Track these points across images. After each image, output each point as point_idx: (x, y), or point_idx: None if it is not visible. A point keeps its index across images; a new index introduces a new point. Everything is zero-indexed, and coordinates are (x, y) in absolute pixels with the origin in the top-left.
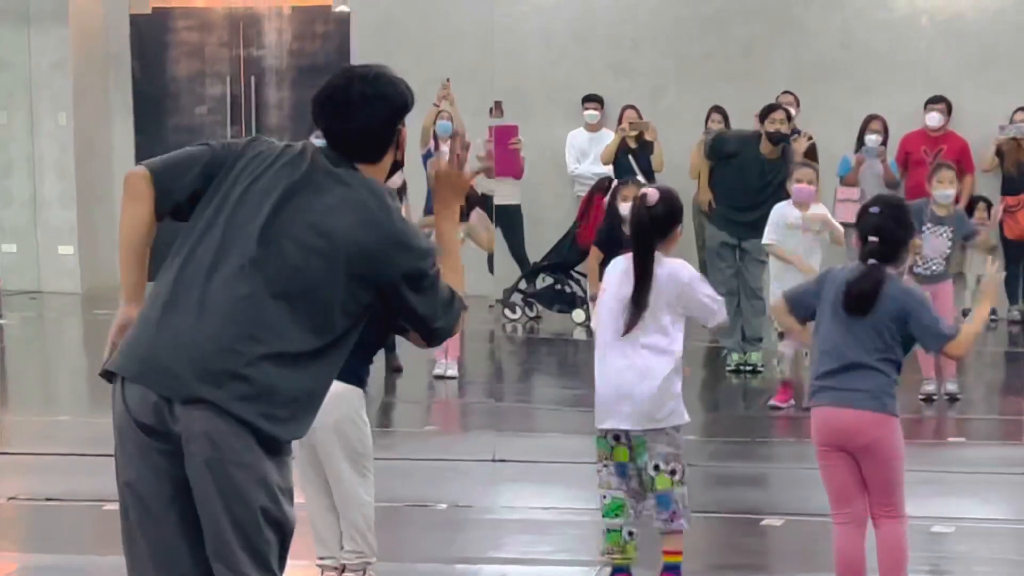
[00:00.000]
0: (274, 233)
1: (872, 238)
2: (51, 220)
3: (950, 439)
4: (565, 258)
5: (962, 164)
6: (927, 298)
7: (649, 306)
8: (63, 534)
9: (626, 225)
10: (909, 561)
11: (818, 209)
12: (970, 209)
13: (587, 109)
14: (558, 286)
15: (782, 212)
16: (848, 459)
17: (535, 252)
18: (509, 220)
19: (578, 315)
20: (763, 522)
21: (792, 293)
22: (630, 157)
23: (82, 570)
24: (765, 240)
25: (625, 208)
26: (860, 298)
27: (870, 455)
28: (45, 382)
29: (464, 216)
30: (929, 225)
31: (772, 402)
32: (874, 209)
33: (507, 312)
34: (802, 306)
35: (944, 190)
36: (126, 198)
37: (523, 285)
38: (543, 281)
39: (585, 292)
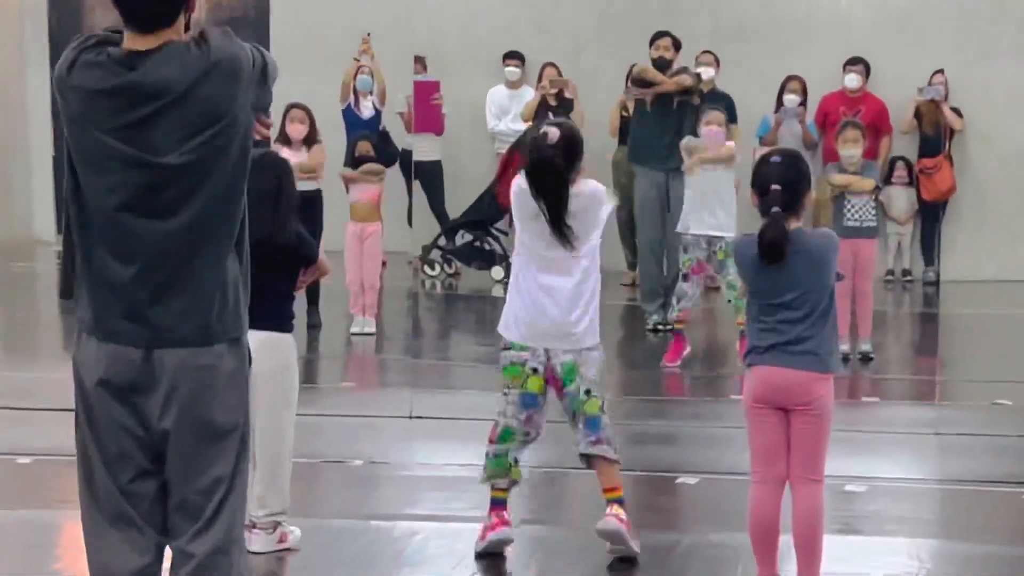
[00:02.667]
0: None
1: (775, 187)
2: None
3: (864, 399)
4: (484, 215)
5: (880, 125)
6: (835, 249)
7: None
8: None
9: None
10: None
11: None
12: (890, 169)
13: (508, 66)
14: (477, 243)
15: (691, 145)
16: (781, 418)
17: (455, 209)
18: (430, 176)
19: (496, 272)
20: (678, 480)
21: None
22: (550, 115)
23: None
24: (686, 166)
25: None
26: (771, 246)
27: (806, 413)
28: None
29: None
30: (848, 199)
31: (664, 363)
32: (775, 159)
33: (426, 269)
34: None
35: (849, 149)
36: None
37: (442, 242)
38: (462, 238)
39: (504, 249)
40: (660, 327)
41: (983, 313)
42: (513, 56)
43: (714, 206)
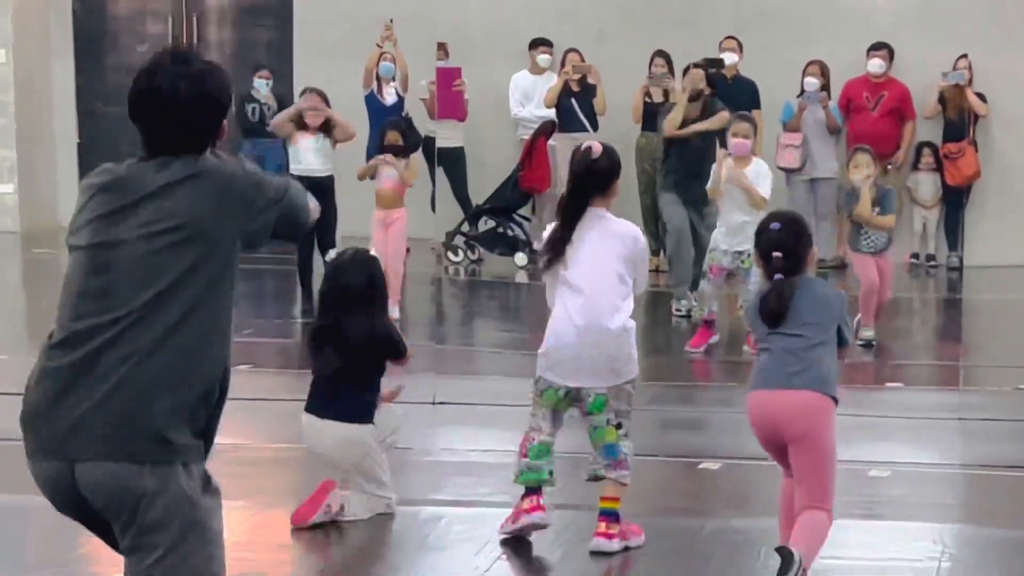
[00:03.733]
0: None
1: (776, 254)
2: None
3: (887, 384)
4: (507, 201)
5: (903, 110)
6: (843, 303)
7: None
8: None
9: None
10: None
11: (757, 167)
12: (917, 154)
13: (540, 53)
14: (500, 229)
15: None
16: (782, 453)
17: (478, 195)
18: (452, 162)
19: (520, 258)
20: (700, 466)
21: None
22: (573, 100)
23: (19, 509)
24: (709, 186)
25: None
26: (772, 314)
27: (803, 444)
28: None
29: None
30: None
31: (688, 347)
32: (774, 225)
33: (449, 255)
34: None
35: (859, 174)
36: None
37: (465, 228)
38: (485, 224)
39: (527, 235)
40: (688, 313)
41: (1007, 299)
42: (543, 43)
43: (739, 230)
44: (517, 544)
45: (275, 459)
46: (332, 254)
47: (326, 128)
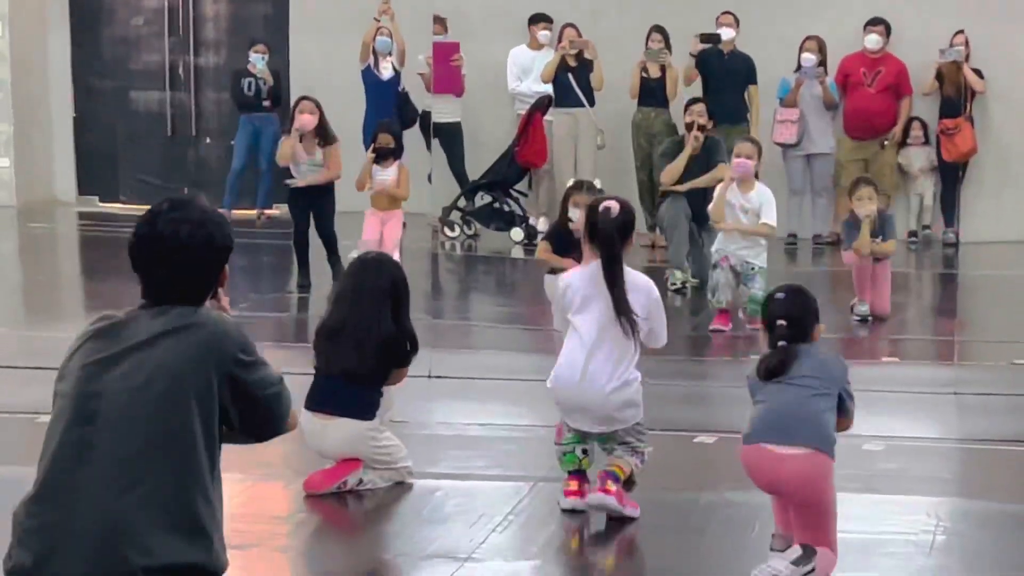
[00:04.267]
0: None
1: (780, 322)
2: None
3: (883, 359)
4: (504, 176)
5: (900, 86)
6: (845, 371)
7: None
8: (6, 446)
9: (577, 231)
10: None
11: (761, 194)
12: (906, 130)
13: (541, 29)
14: (496, 204)
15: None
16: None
17: (474, 170)
18: (449, 138)
19: (516, 233)
20: (696, 439)
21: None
22: (570, 76)
23: (19, 481)
24: (713, 214)
25: (575, 213)
26: (772, 373)
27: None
28: None
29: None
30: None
31: (714, 326)
32: (779, 295)
33: (445, 230)
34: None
35: (862, 209)
36: None
37: (462, 203)
38: (482, 199)
39: (523, 211)
40: (684, 285)
41: (1003, 274)
42: (543, 19)
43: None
44: (511, 517)
45: None
46: (354, 254)
47: (323, 136)
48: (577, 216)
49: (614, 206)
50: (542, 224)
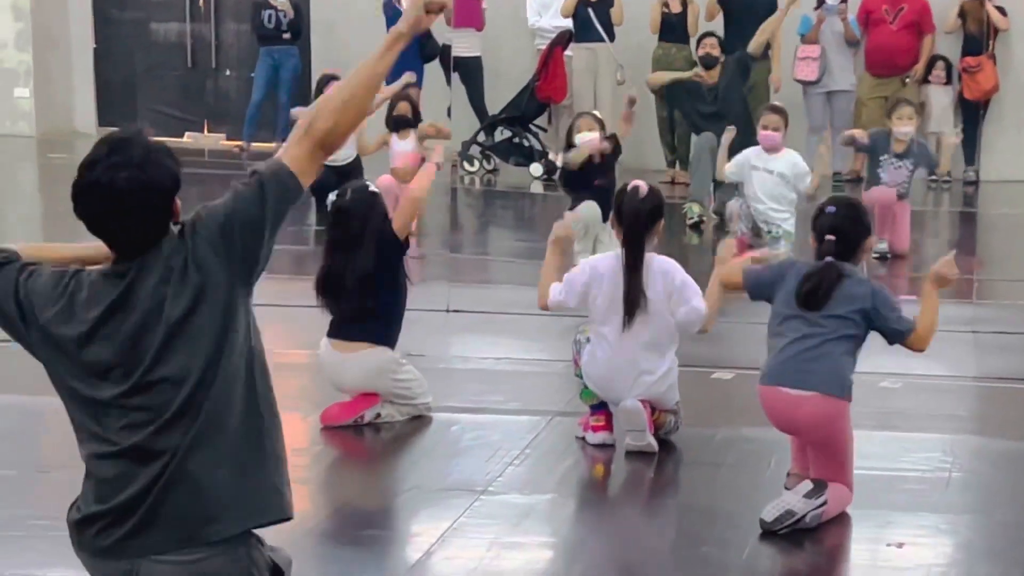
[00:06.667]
0: None
1: (829, 236)
2: (6, 62)
3: (901, 297)
4: (523, 111)
5: (922, 24)
6: (889, 295)
7: (646, 302)
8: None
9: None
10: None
11: (793, 164)
12: (929, 67)
13: None
14: (516, 139)
15: (747, 155)
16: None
17: (494, 105)
18: (469, 72)
19: (535, 168)
20: (713, 375)
21: (751, 275)
22: (589, 10)
23: (40, 411)
24: (728, 172)
25: (579, 138)
26: (809, 295)
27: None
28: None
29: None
30: (886, 157)
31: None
32: (831, 209)
33: (465, 164)
34: (758, 289)
35: (902, 127)
36: None
37: (481, 138)
38: (501, 134)
39: (543, 145)
40: (701, 220)
41: (1022, 213)
42: None
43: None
44: (528, 451)
45: (288, 364)
46: (332, 196)
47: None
48: (580, 139)
49: (643, 186)
50: (561, 160)
